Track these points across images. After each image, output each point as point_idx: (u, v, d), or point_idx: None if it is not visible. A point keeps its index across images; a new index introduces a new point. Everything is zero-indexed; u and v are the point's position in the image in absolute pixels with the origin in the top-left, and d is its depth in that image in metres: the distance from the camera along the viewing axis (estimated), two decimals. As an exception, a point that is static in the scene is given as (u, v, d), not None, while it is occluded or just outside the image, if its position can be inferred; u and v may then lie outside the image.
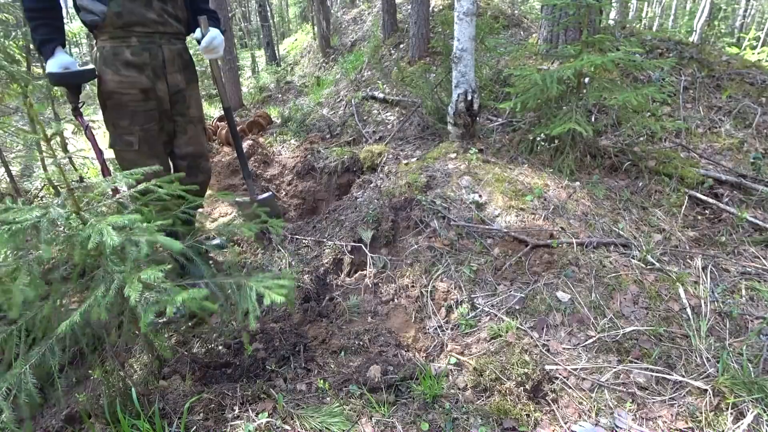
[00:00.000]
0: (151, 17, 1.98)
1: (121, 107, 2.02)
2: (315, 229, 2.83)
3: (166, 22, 2.05)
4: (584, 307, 1.91)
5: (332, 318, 2.09)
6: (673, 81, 3.77)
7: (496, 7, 6.66)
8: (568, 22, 3.37)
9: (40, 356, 1.18)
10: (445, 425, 1.45)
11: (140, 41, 2.00)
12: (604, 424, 1.42)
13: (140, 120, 2.06)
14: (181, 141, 2.28)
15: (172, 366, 1.73)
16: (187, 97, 2.23)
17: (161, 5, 2.02)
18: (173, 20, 2.08)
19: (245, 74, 9.62)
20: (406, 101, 4.83)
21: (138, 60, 2.00)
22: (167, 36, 2.08)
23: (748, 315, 1.89)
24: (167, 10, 2.04)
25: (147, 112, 2.08)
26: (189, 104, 2.25)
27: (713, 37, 10.93)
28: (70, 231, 1.21)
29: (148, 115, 2.08)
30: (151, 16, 1.98)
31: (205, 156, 2.41)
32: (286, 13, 14.94)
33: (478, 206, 2.53)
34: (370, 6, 9.57)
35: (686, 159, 3.07)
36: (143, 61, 2.01)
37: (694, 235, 2.51)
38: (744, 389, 1.47)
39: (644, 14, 14.38)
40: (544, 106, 3.22)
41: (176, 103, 2.19)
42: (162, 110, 2.14)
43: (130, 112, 2.04)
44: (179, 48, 2.16)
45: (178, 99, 2.19)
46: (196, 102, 2.30)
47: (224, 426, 1.41)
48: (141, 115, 2.06)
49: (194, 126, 2.30)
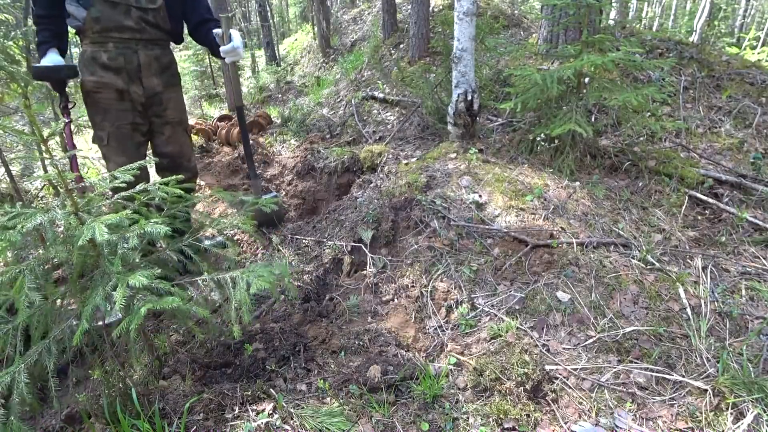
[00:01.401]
0: (128, 24, 2.11)
1: (97, 105, 2.16)
2: (315, 229, 2.83)
3: (143, 29, 2.16)
4: (584, 307, 1.91)
5: (332, 318, 2.09)
6: (673, 81, 3.77)
7: (496, 7, 6.65)
8: (568, 22, 3.36)
9: (37, 356, 1.18)
10: (445, 425, 1.45)
11: (116, 46, 2.12)
12: (604, 424, 1.42)
13: (112, 118, 2.18)
14: (159, 141, 2.40)
15: (172, 366, 1.73)
16: (164, 99, 2.33)
17: (140, 14, 2.13)
18: (152, 28, 2.19)
19: (245, 74, 9.61)
20: (406, 101, 4.83)
21: (114, 63, 2.13)
22: (144, 42, 2.19)
23: (748, 315, 1.89)
24: (146, 18, 2.16)
25: (120, 111, 2.19)
26: (166, 106, 2.34)
27: (713, 37, 10.93)
28: (69, 231, 1.21)
29: (120, 114, 2.20)
30: (128, 24, 2.11)
31: (186, 156, 2.52)
32: (286, 13, 14.94)
33: (478, 206, 2.53)
34: (370, 6, 9.57)
35: (686, 159, 3.07)
36: (119, 64, 2.14)
37: (694, 235, 2.51)
38: (744, 389, 1.47)
39: (644, 14, 14.38)
40: (544, 106, 3.22)
41: (152, 105, 2.30)
42: (136, 111, 2.25)
43: (103, 110, 2.17)
44: (157, 53, 2.25)
45: (154, 101, 2.30)
46: (175, 104, 2.39)
47: (224, 426, 1.41)
48: (113, 113, 2.18)
49: (171, 127, 2.40)
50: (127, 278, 1.10)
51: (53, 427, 1.48)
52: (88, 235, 1.09)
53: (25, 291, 1.11)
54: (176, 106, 2.41)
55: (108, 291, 1.15)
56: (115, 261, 1.19)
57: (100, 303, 1.15)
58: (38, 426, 1.51)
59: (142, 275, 1.10)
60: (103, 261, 1.23)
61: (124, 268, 1.19)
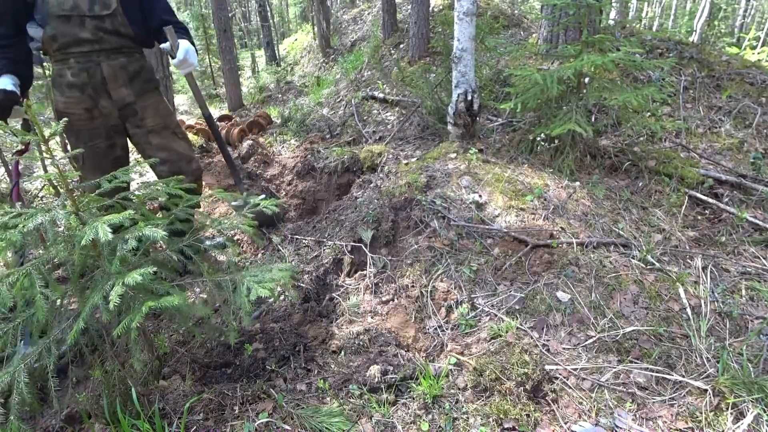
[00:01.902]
0: (84, 37, 1.99)
1: (69, 126, 2.05)
2: (315, 229, 2.83)
3: (101, 39, 2.03)
4: (584, 307, 1.91)
5: (332, 318, 2.09)
6: (673, 81, 3.77)
7: (496, 7, 6.66)
8: (568, 22, 3.37)
9: (36, 356, 1.18)
10: (445, 425, 1.45)
11: (77, 61, 2.03)
12: (604, 424, 1.42)
13: (85, 138, 2.12)
14: (150, 151, 2.27)
15: (172, 366, 1.73)
16: (140, 109, 2.21)
17: (96, 23, 2.00)
18: (112, 36, 2.05)
19: (245, 74, 9.63)
20: (406, 101, 4.83)
21: (78, 80, 2.04)
22: (106, 52, 2.06)
23: (748, 315, 1.89)
24: (103, 27, 2.02)
25: (91, 131, 2.13)
26: (143, 116, 2.22)
27: (713, 37, 10.93)
28: (70, 231, 1.21)
29: (93, 133, 2.13)
30: (85, 36, 1.99)
31: (185, 159, 2.38)
32: (286, 13, 14.94)
33: (478, 206, 2.53)
34: (370, 6, 9.57)
35: (686, 159, 3.07)
36: (83, 81, 2.05)
37: (694, 235, 2.51)
38: (744, 389, 1.47)
39: (644, 14, 14.38)
40: (544, 106, 3.22)
41: (128, 117, 2.20)
42: (110, 126, 2.16)
43: (75, 131, 2.12)
44: (122, 62, 2.12)
45: (128, 113, 2.19)
46: (154, 111, 2.26)
47: (224, 426, 1.41)
48: (85, 133, 2.12)
49: (157, 134, 2.27)
50: (123, 277, 1.10)
51: (53, 427, 1.48)
52: (91, 235, 1.09)
53: (38, 289, 1.11)
54: (156, 112, 2.27)
55: (107, 291, 1.15)
56: (114, 261, 1.19)
57: (99, 303, 1.16)
58: (38, 426, 1.50)
59: (137, 273, 1.10)
60: (103, 261, 1.23)
61: (123, 269, 1.19)
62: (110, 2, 2.01)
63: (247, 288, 1.30)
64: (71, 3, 1.94)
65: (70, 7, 1.94)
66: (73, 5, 1.95)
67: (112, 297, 1.05)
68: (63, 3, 1.93)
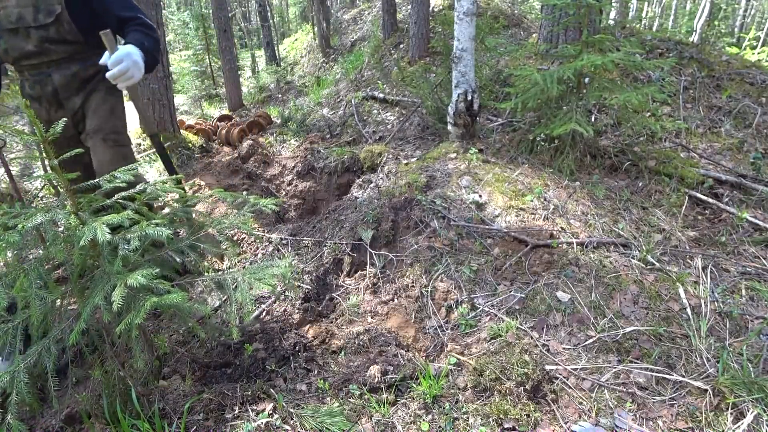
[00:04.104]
0: (29, 49, 1.90)
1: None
2: (315, 229, 2.83)
3: (47, 50, 1.92)
4: (584, 307, 1.91)
5: (332, 318, 2.09)
6: (673, 81, 3.77)
7: (496, 7, 6.66)
8: (568, 22, 3.36)
9: (36, 356, 1.18)
10: (445, 425, 1.45)
11: (31, 74, 1.97)
12: (604, 424, 1.42)
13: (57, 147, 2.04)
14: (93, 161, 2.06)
15: (172, 366, 1.73)
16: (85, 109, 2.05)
17: (41, 34, 1.88)
18: (59, 45, 1.93)
19: (245, 74, 9.63)
20: (406, 101, 4.83)
21: (34, 93, 1.99)
22: (56, 63, 1.96)
23: (748, 315, 1.89)
24: (48, 37, 1.89)
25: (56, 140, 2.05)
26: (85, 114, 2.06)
27: (713, 37, 10.93)
28: (69, 231, 1.21)
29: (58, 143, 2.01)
30: (30, 48, 1.90)
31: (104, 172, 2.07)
32: (286, 13, 14.94)
33: (478, 206, 2.53)
34: (370, 6, 9.57)
35: (686, 159, 3.07)
36: (37, 93, 1.99)
37: (694, 235, 2.51)
38: (744, 389, 1.47)
39: (644, 14, 14.39)
40: (544, 106, 3.22)
41: (78, 123, 2.08)
42: (68, 137, 2.03)
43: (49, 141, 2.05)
44: (75, 70, 2.00)
45: (79, 119, 2.07)
46: (92, 111, 2.05)
47: (224, 426, 1.41)
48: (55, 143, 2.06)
49: (90, 137, 2.03)
50: (125, 278, 1.10)
51: (53, 427, 1.48)
52: (90, 235, 1.09)
53: (34, 289, 1.11)
54: (94, 113, 2.03)
55: (107, 291, 1.15)
56: (116, 261, 1.19)
57: (100, 303, 1.16)
58: (38, 426, 1.50)
59: (140, 275, 1.10)
60: (103, 261, 1.23)
61: (124, 269, 1.19)
62: (53, 9, 1.87)
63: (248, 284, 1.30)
64: (16, 14, 1.85)
65: (15, 18, 1.85)
66: (18, 17, 1.86)
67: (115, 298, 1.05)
68: (10, 15, 1.85)
